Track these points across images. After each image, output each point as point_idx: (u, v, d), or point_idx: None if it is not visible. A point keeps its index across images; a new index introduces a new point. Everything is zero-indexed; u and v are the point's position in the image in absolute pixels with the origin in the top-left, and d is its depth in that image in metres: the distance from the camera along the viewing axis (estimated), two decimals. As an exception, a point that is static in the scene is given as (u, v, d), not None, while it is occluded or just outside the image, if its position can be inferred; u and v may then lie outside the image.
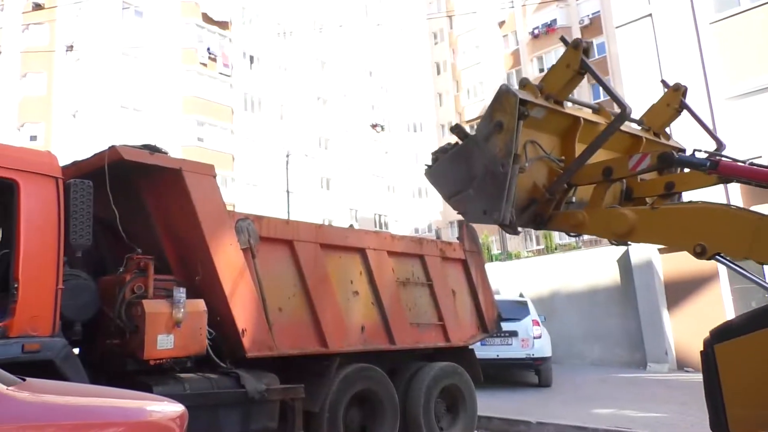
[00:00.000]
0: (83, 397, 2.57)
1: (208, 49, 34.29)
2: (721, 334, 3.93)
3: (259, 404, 5.53)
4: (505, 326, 10.21)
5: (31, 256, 4.54)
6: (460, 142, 4.91)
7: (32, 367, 4.03)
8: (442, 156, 5.08)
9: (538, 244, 28.65)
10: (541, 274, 17.92)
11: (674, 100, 5.70)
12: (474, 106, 42.02)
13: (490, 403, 9.56)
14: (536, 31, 38.05)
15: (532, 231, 23.84)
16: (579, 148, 4.77)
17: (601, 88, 34.75)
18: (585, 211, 4.73)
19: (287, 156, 33.01)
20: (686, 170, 4.77)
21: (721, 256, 3.90)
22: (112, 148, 5.32)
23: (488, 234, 22.75)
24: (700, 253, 3.91)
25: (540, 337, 12.17)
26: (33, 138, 31.37)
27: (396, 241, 7.55)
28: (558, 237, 23.58)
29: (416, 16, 45.68)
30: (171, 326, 5.10)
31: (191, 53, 33.59)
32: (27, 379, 2.52)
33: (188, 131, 32.59)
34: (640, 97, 16.17)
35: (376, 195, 42.35)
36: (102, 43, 30.93)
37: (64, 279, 4.75)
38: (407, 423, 7.04)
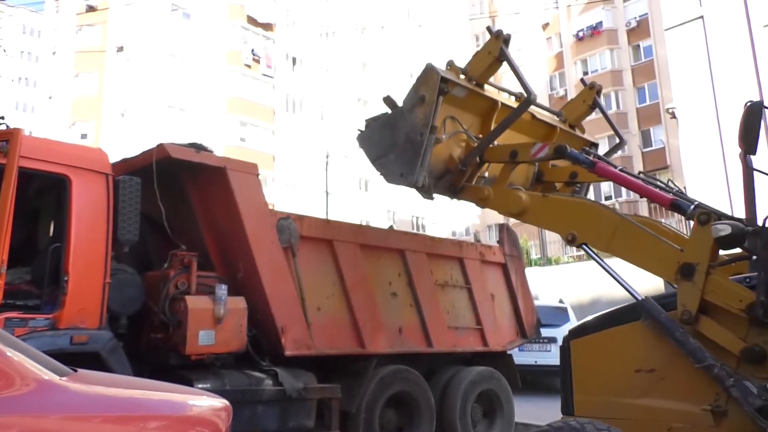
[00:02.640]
0: (132, 389, 2.62)
1: (253, 50, 34.81)
2: (577, 331, 4.52)
3: (296, 402, 5.56)
4: (544, 332, 10.04)
5: (81, 251, 4.67)
6: (390, 112, 5.38)
7: (78, 358, 4.14)
8: (373, 123, 5.53)
9: (578, 249, 28.13)
10: (581, 280, 17.57)
11: (589, 97, 6.23)
12: (515, 109, 41.49)
13: (527, 410, 9.41)
14: (581, 34, 37.35)
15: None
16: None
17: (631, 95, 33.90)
18: (491, 187, 5.26)
19: (327, 157, 33.26)
20: None
21: (588, 247, 4.46)
22: (160, 146, 5.44)
23: (528, 238, 22.44)
24: (571, 241, 4.50)
25: (580, 344, 11.92)
26: (83, 136, 32.40)
27: (435, 244, 7.51)
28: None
29: (458, 17, 45.44)
30: (213, 322, 5.19)
31: (236, 55, 34.15)
32: (78, 370, 2.59)
33: (231, 131, 33.14)
34: (690, 100, 15.76)
35: (414, 197, 42.14)
36: (151, 44, 31.75)
37: (112, 273, 4.87)
38: (443, 427, 6.98)
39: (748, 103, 3.35)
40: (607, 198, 28.96)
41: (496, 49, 5.22)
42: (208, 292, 5.31)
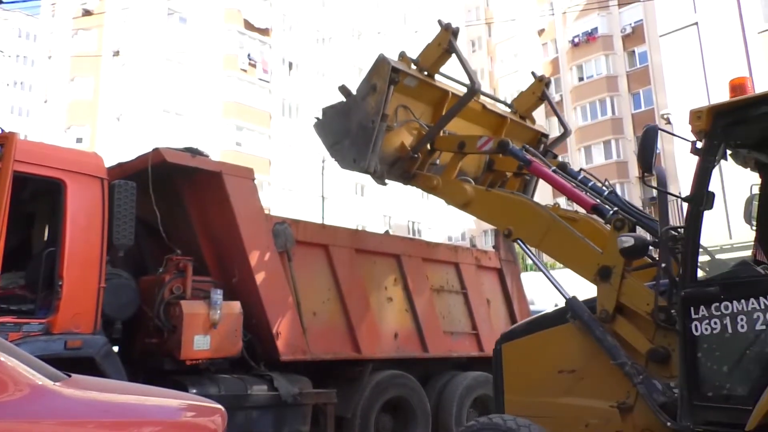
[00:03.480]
0: (126, 395, 2.61)
1: (249, 55, 34.80)
2: (508, 335, 4.82)
3: (291, 408, 5.55)
4: (540, 338, 10.03)
5: (76, 255, 4.66)
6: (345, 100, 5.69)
7: (72, 363, 4.12)
8: (329, 111, 5.84)
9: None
10: (576, 285, 17.57)
11: (538, 89, 6.55)
12: (511, 115, 41.60)
13: (523, 416, 9.38)
14: (576, 40, 37.50)
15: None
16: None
17: (641, 97, 34.06)
18: (440, 177, 5.48)
19: (323, 162, 33.24)
20: None
21: (522, 242, 4.80)
22: (156, 150, 5.44)
23: (523, 243, 22.45)
24: (508, 236, 4.84)
25: (575, 349, 11.91)
26: (79, 140, 32.29)
27: (431, 249, 7.51)
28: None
29: (454, 23, 45.51)
30: (208, 327, 5.17)
31: (232, 59, 34.13)
32: (72, 375, 2.58)
33: (227, 135, 33.09)
34: (684, 106, 15.79)
35: (410, 202, 42.23)
36: (147, 48, 31.71)
37: (107, 278, 4.86)
38: (439, 432, 6.98)
39: (646, 127, 3.60)
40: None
41: (445, 41, 5.53)
42: (203, 297, 5.30)
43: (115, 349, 5.09)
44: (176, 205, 5.79)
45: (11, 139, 4.51)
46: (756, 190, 4.09)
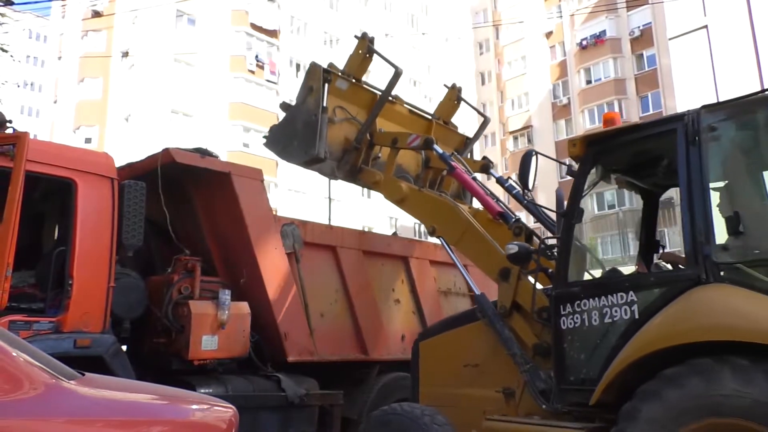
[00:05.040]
0: (140, 393, 2.63)
1: (257, 56, 34.90)
2: (425, 333, 5.41)
3: (298, 409, 5.56)
4: (547, 341, 10.03)
5: (86, 254, 4.68)
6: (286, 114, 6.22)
7: (81, 361, 4.14)
8: (275, 127, 6.35)
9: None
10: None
11: (453, 95, 7.21)
12: (518, 117, 41.57)
13: (529, 419, 9.36)
14: (584, 42, 37.42)
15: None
16: (379, 120, 6.21)
17: (649, 102, 33.93)
18: (382, 173, 5.95)
19: (330, 163, 33.22)
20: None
21: (444, 240, 5.32)
22: (165, 150, 5.46)
23: (530, 246, 22.40)
24: (432, 233, 5.37)
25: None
26: (87, 140, 32.47)
27: (438, 251, 7.49)
28: (601, 252, 23.11)
29: (462, 26, 45.54)
30: (216, 328, 5.19)
31: (240, 60, 34.24)
32: (86, 373, 2.60)
33: (234, 137, 33.18)
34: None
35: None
36: (155, 49, 31.87)
37: (116, 277, 4.88)
38: (445, 435, 6.96)
39: (525, 151, 4.14)
40: (611, 206, 28.93)
41: (364, 48, 6.19)
42: (211, 297, 5.31)
43: (124, 348, 5.11)
44: (185, 206, 5.82)
45: (23, 138, 4.54)
46: None
